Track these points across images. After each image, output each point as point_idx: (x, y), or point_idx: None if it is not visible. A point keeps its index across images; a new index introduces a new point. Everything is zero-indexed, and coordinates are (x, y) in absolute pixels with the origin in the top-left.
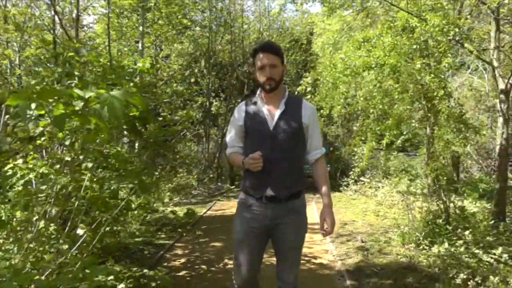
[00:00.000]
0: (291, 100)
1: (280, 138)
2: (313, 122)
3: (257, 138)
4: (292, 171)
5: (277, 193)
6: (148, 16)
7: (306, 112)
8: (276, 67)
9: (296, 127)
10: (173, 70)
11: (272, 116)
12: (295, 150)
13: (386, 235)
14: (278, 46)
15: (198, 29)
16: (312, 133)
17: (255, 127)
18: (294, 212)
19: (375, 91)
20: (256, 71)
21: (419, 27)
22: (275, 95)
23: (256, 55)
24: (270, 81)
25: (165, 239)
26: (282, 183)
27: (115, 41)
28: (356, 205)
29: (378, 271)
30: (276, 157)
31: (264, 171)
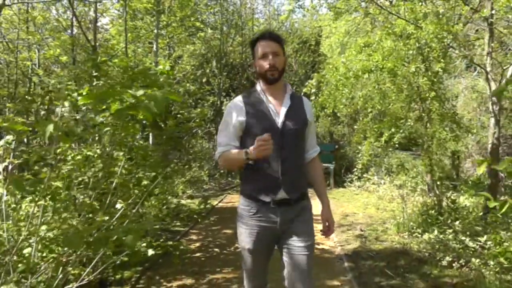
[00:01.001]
0: (294, 95)
1: (289, 134)
2: (312, 119)
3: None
4: (300, 170)
5: (290, 195)
6: (162, 18)
7: (308, 108)
8: (279, 56)
9: (303, 123)
10: (186, 70)
11: (278, 111)
12: (302, 147)
13: (383, 225)
14: (279, 35)
15: (210, 31)
16: (311, 131)
17: (260, 124)
18: (303, 211)
19: (374, 92)
20: (256, 62)
21: (415, 34)
22: (276, 88)
23: (256, 44)
24: (273, 70)
25: (180, 227)
26: (294, 183)
27: (131, 43)
28: (358, 199)
29: (374, 255)
30: (287, 156)
31: (275, 171)
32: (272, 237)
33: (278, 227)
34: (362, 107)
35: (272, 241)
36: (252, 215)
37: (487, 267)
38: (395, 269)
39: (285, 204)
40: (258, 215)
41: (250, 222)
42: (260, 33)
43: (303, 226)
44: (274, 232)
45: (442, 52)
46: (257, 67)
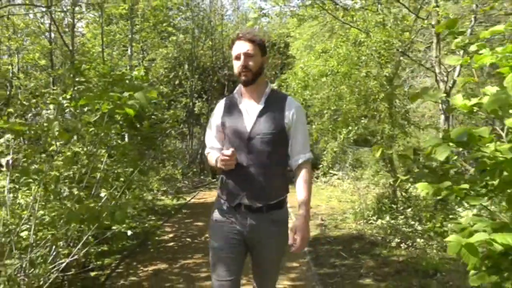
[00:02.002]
0: (273, 96)
1: (258, 140)
2: (297, 123)
3: (234, 139)
4: (271, 178)
5: (252, 202)
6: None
7: (290, 111)
8: (253, 57)
9: (276, 128)
10: (159, 72)
11: (251, 114)
12: (275, 154)
13: (343, 215)
14: (257, 34)
15: (182, 36)
16: (295, 135)
17: (231, 127)
18: (276, 224)
19: (330, 95)
20: (233, 62)
21: (366, 41)
22: (255, 90)
23: (233, 44)
24: (246, 72)
25: (155, 221)
26: (259, 191)
27: (107, 47)
28: (323, 193)
29: (331, 240)
30: (253, 161)
31: (240, 176)
32: (241, 240)
33: (246, 233)
34: (320, 108)
35: (241, 244)
36: (225, 213)
37: (430, 246)
38: (349, 252)
39: (256, 211)
40: (229, 215)
41: (223, 217)
42: (238, 32)
43: (271, 248)
44: (242, 235)
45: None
46: (234, 68)
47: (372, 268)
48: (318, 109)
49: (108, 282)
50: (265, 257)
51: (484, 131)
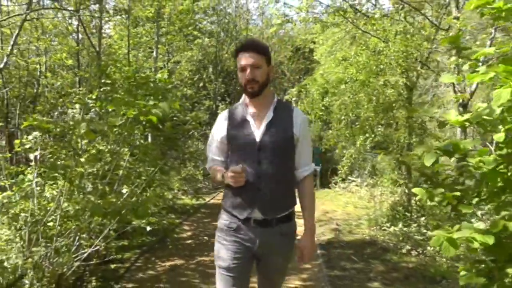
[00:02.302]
0: (281, 106)
1: (268, 150)
2: (304, 133)
3: (243, 150)
4: (282, 189)
5: (266, 215)
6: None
7: (297, 121)
8: (260, 68)
9: (286, 137)
10: (184, 75)
11: (259, 124)
12: (286, 164)
13: (358, 221)
14: (262, 44)
15: (207, 40)
16: (302, 146)
17: (239, 138)
18: (285, 237)
19: (348, 102)
20: (238, 73)
21: (385, 50)
22: (261, 100)
23: (239, 54)
24: (252, 84)
25: (175, 219)
26: (271, 202)
27: (133, 49)
28: (340, 199)
29: (344, 245)
30: (265, 172)
31: (251, 188)
32: (250, 256)
33: (256, 248)
34: (337, 114)
35: (250, 261)
36: (232, 230)
37: (440, 254)
38: (361, 256)
39: (265, 225)
40: (238, 232)
41: (230, 237)
42: (243, 42)
43: (277, 261)
44: (252, 252)
45: (409, 67)
46: (239, 79)
47: (381, 273)
48: (336, 116)
49: (127, 275)
50: (273, 269)
51: (467, 143)
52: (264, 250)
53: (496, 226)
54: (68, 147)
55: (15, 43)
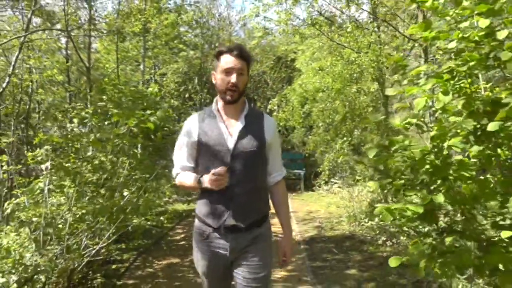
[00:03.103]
0: (252, 113)
1: (241, 157)
2: (275, 139)
3: (214, 157)
4: (255, 195)
5: (239, 221)
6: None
7: (269, 127)
8: (243, 75)
9: (259, 144)
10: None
11: (231, 131)
12: (258, 171)
13: (339, 218)
14: (248, 52)
15: (192, 52)
16: (273, 152)
17: (211, 145)
18: (257, 241)
19: (325, 109)
20: (217, 75)
21: (357, 60)
22: (234, 107)
23: (222, 56)
24: (234, 90)
25: (167, 224)
26: (244, 209)
27: (121, 63)
28: (323, 200)
29: (326, 239)
30: (238, 179)
31: (224, 196)
32: (224, 265)
33: (228, 255)
34: (316, 121)
35: (225, 268)
36: (204, 239)
37: None
38: (341, 249)
39: (236, 231)
40: (209, 240)
41: (203, 246)
42: (230, 45)
43: (255, 256)
44: (224, 260)
45: (379, 75)
46: (217, 81)
47: (359, 262)
48: (313, 121)
49: (127, 273)
50: (250, 274)
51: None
52: (237, 256)
53: (425, 199)
54: (77, 155)
55: (16, 64)
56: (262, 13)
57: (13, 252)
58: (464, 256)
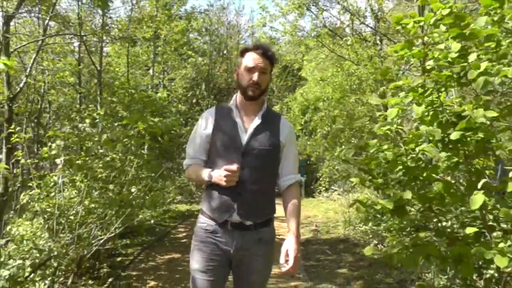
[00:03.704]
0: (269, 114)
1: (253, 154)
2: (290, 142)
3: (226, 152)
4: (263, 195)
5: (244, 219)
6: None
7: (284, 129)
8: (266, 74)
9: (273, 144)
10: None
11: (246, 128)
12: (268, 171)
13: (336, 223)
14: (273, 51)
15: (200, 59)
16: (287, 154)
17: (224, 139)
18: (263, 243)
19: (324, 117)
20: (240, 71)
21: (356, 72)
22: (253, 105)
23: (247, 54)
24: (256, 87)
25: (170, 223)
26: (250, 208)
27: (131, 67)
28: (322, 206)
29: (321, 242)
30: (247, 177)
31: (232, 192)
32: (226, 260)
33: (232, 252)
34: (315, 128)
35: (225, 264)
36: (209, 233)
37: None
38: (334, 250)
39: (243, 229)
40: (214, 234)
41: (206, 239)
42: (256, 44)
43: (258, 258)
44: (228, 256)
45: (376, 87)
46: (239, 78)
47: (350, 262)
48: (312, 128)
49: (131, 265)
50: (251, 279)
51: (373, 143)
52: (241, 255)
53: (395, 196)
54: (89, 153)
55: (33, 66)
56: (269, 24)
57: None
58: (430, 248)
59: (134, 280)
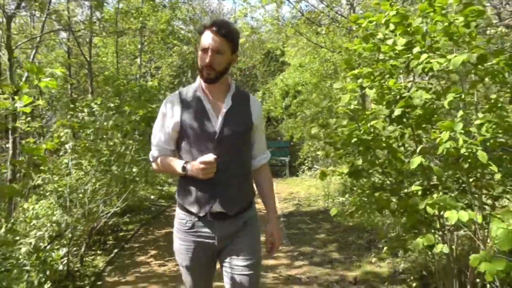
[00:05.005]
0: (238, 94)
1: (228, 141)
2: (260, 121)
3: (198, 140)
4: (242, 180)
5: (227, 208)
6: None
7: (255, 109)
8: (221, 54)
9: (246, 127)
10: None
11: (217, 113)
12: (244, 155)
13: (317, 197)
14: (232, 28)
15: (186, 47)
16: (257, 134)
17: (195, 126)
18: (247, 225)
19: (303, 100)
20: (198, 52)
21: (331, 58)
22: (218, 87)
23: (204, 32)
24: (209, 70)
25: (164, 203)
26: (232, 196)
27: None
28: (305, 183)
29: (302, 214)
30: (225, 165)
31: (209, 182)
32: (211, 254)
33: (216, 243)
34: (295, 111)
35: (211, 258)
36: (187, 229)
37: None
38: (314, 220)
39: (223, 218)
40: (194, 229)
41: (186, 237)
42: (212, 20)
43: (244, 241)
44: (212, 248)
45: None
46: (198, 59)
47: (327, 229)
48: (292, 111)
49: (132, 239)
50: (242, 256)
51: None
52: (227, 242)
53: (349, 162)
54: (96, 137)
55: (33, 62)
56: (250, 14)
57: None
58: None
59: (137, 250)
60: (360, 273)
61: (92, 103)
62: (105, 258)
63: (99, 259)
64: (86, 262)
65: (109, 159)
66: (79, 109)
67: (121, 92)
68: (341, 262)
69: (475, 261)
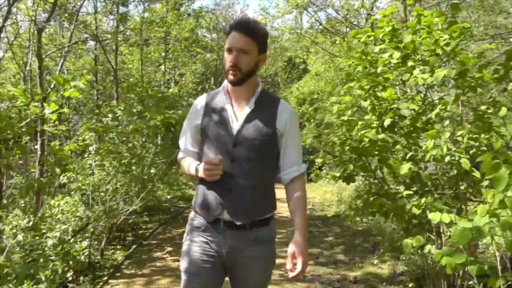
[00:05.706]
0: (265, 98)
1: (245, 145)
2: (290, 129)
3: (217, 143)
4: (257, 191)
5: (235, 218)
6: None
7: (282, 115)
8: (247, 54)
9: (267, 133)
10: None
11: (238, 116)
12: (264, 163)
13: (331, 203)
14: (258, 27)
15: (209, 55)
16: (287, 143)
17: (214, 129)
18: (259, 242)
19: (318, 108)
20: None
21: (346, 67)
22: (245, 89)
23: (230, 33)
24: (234, 71)
25: (183, 205)
26: (243, 205)
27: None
28: (321, 189)
29: (315, 218)
30: (239, 171)
31: (222, 187)
32: (219, 263)
33: (225, 254)
34: (309, 118)
35: (219, 266)
36: (199, 231)
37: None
38: (325, 224)
39: (236, 228)
40: (206, 233)
41: (195, 239)
42: (237, 20)
43: (252, 269)
44: (220, 258)
45: None
46: (224, 61)
47: (337, 232)
48: (306, 118)
49: (151, 236)
50: (248, 282)
51: (327, 131)
52: (236, 258)
53: (344, 169)
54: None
55: (62, 69)
56: (269, 24)
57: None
58: (374, 205)
59: (154, 246)
60: (361, 273)
61: (115, 109)
62: (124, 253)
63: (118, 253)
64: (106, 255)
65: (130, 161)
66: (103, 114)
67: (144, 98)
68: (345, 263)
69: (437, 255)
